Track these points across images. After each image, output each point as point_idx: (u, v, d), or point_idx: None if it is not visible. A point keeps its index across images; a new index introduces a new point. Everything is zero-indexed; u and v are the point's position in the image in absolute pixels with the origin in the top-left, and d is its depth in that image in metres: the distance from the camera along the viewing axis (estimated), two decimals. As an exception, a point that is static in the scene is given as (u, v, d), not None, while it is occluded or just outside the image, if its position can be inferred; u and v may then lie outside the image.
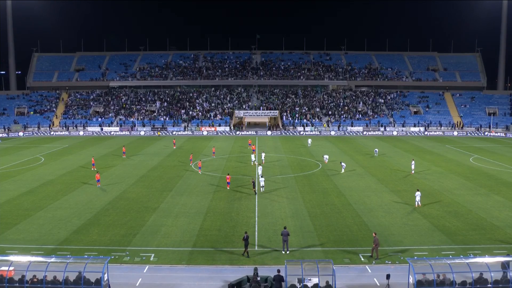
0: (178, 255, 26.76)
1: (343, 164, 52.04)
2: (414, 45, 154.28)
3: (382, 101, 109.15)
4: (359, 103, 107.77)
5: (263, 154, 57.60)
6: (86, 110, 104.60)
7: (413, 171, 50.75)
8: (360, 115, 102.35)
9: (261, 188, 41.74)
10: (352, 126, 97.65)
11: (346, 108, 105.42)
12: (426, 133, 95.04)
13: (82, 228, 31.40)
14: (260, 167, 48.13)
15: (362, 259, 26.08)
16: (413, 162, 51.98)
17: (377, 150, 65.20)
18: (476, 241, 28.94)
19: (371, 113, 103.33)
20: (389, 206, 37.17)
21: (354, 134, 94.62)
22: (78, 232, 30.56)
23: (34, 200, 39.17)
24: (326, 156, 58.71)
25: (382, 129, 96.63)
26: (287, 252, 26.75)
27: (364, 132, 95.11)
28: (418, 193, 37.22)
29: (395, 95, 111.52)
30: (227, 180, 43.48)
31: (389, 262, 25.68)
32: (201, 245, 28.13)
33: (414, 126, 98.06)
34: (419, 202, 36.76)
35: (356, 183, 46.17)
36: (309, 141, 78.79)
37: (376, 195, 41.12)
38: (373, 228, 31.25)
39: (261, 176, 44.11)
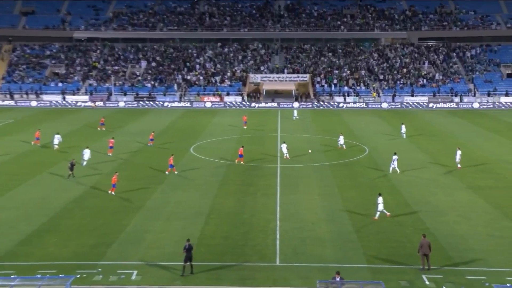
0: (170, 272, 26.82)
1: (394, 158, 46.70)
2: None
3: (458, 59, 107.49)
4: (424, 63, 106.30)
5: (284, 146, 52.09)
6: (40, 71, 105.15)
7: (458, 165, 47.53)
8: (425, 80, 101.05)
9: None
10: (412, 95, 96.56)
11: (405, 70, 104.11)
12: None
13: (33, 237, 31.49)
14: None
15: (427, 282, 25.80)
16: (458, 152, 47.89)
17: (403, 127, 63.24)
18: None
19: (441, 77, 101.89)
20: (466, 209, 36.69)
21: (415, 106, 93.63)
22: (27, 243, 30.64)
23: (-31, 196, 39.68)
24: (341, 138, 56.92)
25: (457, 99, 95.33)
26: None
27: (431, 104, 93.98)
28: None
29: (478, 51, 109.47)
30: (170, 162, 45.65)
31: None
32: (202, 259, 28.11)
33: (507, 95, 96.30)
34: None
35: (417, 175, 45.64)
36: (295, 113, 79.19)
37: (446, 192, 40.61)
38: (443, 239, 30.88)
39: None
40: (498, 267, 27.52)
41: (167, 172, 45.79)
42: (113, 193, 39.69)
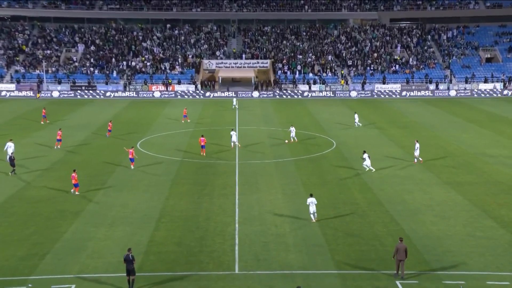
0: (114, 286, 26.50)
1: (366, 156, 46.29)
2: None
3: (433, 42, 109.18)
4: (397, 46, 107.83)
5: (233, 134, 54.80)
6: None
7: (417, 159, 48.64)
8: (397, 66, 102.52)
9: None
10: (384, 83, 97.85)
11: (376, 55, 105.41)
12: (506, 92, 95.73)
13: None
14: None
15: (401, 288, 26.25)
16: (417, 145, 48.86)
17: (357, 116, 65.52)
18: None
19: (415, 62, 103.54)
20: (443, 208, 37.31)
21: (387, 95, 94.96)
22: None
23: None
24: (292, 129, 57.36)
25: (432, 87, 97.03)
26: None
27: (404, 92, 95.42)
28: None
29: (455, 33, 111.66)
30: (131, 156, 46.58)
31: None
32: (152, 269, 28.01)
33: (486, 81, 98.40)
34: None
35: (391, 171, 46.28)
36: (234, 101, 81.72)
37: (421, 189, 41.30)
38: (418, 241, 31.37)
39: None
40: (478, 270, 28.01)
41: (132, 167, 46.64)
42: (77, 192, 39.86)
